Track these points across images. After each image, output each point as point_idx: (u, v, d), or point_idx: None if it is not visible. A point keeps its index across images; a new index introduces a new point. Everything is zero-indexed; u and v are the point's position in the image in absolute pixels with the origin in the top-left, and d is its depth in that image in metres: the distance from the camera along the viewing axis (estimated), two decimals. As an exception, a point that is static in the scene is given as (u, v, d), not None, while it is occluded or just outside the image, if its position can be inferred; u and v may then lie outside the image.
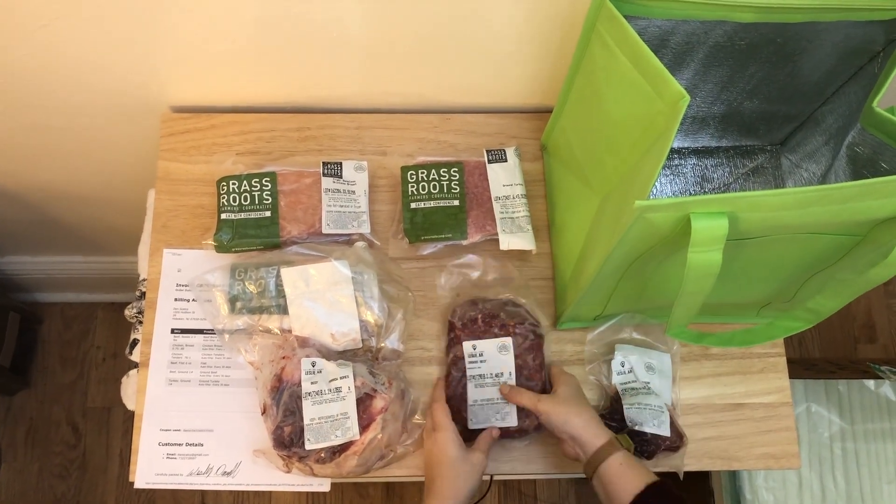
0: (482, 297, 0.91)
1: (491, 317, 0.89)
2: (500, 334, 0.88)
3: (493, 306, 0.90)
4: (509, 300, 0.91)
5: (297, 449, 0.82)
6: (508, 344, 0.88)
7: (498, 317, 0.89)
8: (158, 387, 0.90)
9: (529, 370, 0.88)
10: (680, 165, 1.00)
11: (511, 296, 0.92)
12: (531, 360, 0.88)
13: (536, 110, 1.03)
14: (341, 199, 0.93)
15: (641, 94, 0.71)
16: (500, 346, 0.88)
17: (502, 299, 0.91)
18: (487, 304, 0.91)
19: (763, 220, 0.64)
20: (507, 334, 0.88)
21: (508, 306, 0.90)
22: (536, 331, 0.90)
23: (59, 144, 1.09)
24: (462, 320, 0.90)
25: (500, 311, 0.90)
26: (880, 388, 1.31)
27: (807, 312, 0.80)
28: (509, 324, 0.89)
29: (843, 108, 0.86)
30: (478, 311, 0.90)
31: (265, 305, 0.87)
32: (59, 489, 1.70)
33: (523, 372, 0.88)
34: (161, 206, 0.96)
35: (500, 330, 0.89)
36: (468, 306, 0.91)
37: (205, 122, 1.00)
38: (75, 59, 0.89)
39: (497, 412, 0.87)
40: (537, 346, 0.89)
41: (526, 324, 0.89)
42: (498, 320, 0.89)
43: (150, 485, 0.87)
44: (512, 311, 0.90)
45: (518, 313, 0.90)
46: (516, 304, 0.91)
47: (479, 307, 0.90)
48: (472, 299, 0.91)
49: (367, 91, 0.99)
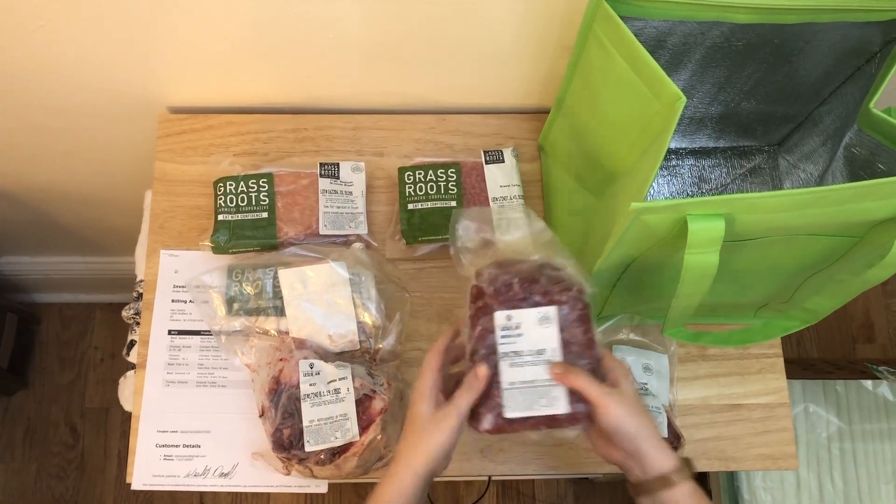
0: (510, 259, 0.75)
1: (530, 281, 0.73)
2: (542, 302, 0.72)
3: (529, 268, 0.74)
4: (545, 262, 0.75)
5: (297, 451, 0.82)
6: (552, 314, 0.72)
7: (538, 281, 0.73)
8: (155, 388, 0.90)
9: (578, 346, 0.72)
10: (677, 166, 1.00)
11: (545, 256, 0.75)
12: (580, 333, 0.72)
13: (534, 111, 1.02)
14: (338, 200, 0.93)
15: (638, 95, 0.71)
16: (541, 316, 0.72)
17: (537, 261, 0.75)
18: (521, 265, 0.74)
19: (760, 222, 0.64)
20: (550, 302, 0.72)
21: (547, 269, 0.74)
22: (584, 298, 0.73)
23: (57, 145, 1.09)
24: (493, 285, 0.73)
25: (539, 274, 0.74)
26: (878, 389, 1.31)
27: (804, 312, 0.81)
28: (552, 289, 0.72)
29: (841, 109, 0.86)
30: (512, 275, 0.73)
31: (262, 307, 0.87)
32: (58, 490, 1.70)
33: (571, 348, 0.72)
34: (158, 207, 0.96)
35: (541, 297, 0.72)
36: (498, 268, 0.74)
37: (202, 122, 1.00)
38: (73, 59, 0.89)
39: (541, 396, 0.71)
40: (586, 317, 0.73)
41: (573, 290, 0.73)
42: (539, 285, 0.73)
43: (148, 486, 0.87)
44: (552, 274, 0.74)
45: (560, 277, 0.74)
46: (555, 268, 0.75)
47: (513, 269, 0.74)
48: (500, 261, 0.75)
49: (365, 92, 0.99)
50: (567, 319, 0.72)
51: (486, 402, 0.70)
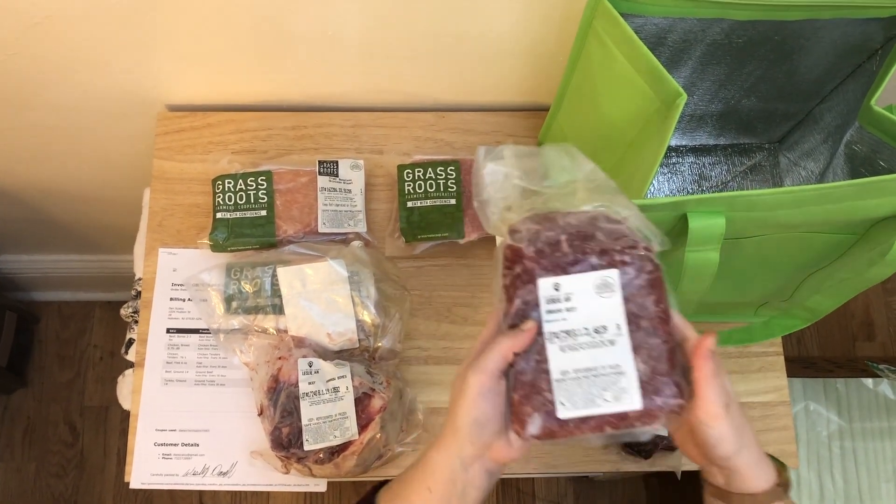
0: (553, 211, 0.59)
1: (582, 238, 0.57)
2: (599, 264, 0.56)
3: (580, 221, 0.58)
4: (600, 212, 0.58)
5: (296, 450, 0.81)
6: (614, 279, 0.56)
7: (593, 237, 0.57)
8: (154, 387, 0.89)
9: (650, 320, 0.56)
10: (678, 164, 1.00)
11: (601, 206, 0.59)
12: (651, 303, 0.56)
13: (533, 108, 1.02)
14: (337, 198, 0.93)
15: (638, 92, 0.70)
16: (600, 282, 0.56)
17: (589, 212, 0.58)
18: (569, 217, 0.58)
19: (760, 219, 0.64)
20: (610, 264, 0.56)
21: (602, 221, 0.58)
22: (653, 258, 0.57)
23: (55, 143, 1.09)
24: (534, 243, 0.57)
25: (594, 228, 0.57)
26: (878, 387, 1.31)
27: (805, 311, 0.80)
28: (612, 247, 0.56)
29: (842, 106, 0.85)
30: (559, 230, 0.57)
31: (261, 305, 0.87)
32: (57, 488, 1.69)
33: (640, 323, 0.56)
34: (156, 205, 0.96)
35: (598, 257, 0.56)
36: (539, 223, 0.58)
37: (200, 120, 0.99)
38: (71, 56, 0.89)
39: (605, 388, 0.55)
40: (658, 281, 0.57)
41: (640, 247, 0.57)
42: (594, 242, 0.57)
43: (146, 485, 0.86)
44: (611, 228, 0.58)
45: (621, 231, 0.57)
46: (612, 220, 0.58)
47: (560, 223, 0.58)
48: (540, 213, 0.59)
49: (364, 89, 0.99)
50: (633, 286, 0.56)
51: (532, 398, 0.55)
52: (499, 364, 0.55)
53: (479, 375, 0.55)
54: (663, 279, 0.57)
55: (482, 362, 0.55)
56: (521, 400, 0.55)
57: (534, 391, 0.55)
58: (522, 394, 0.55)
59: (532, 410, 0.55)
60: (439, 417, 0.89)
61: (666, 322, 0.56)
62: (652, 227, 0.58)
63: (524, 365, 0.56)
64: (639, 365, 0.54)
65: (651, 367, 0.54)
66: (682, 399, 0.54)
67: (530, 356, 0.56)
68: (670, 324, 0.56)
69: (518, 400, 0.55)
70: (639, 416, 0.54)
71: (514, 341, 0.55)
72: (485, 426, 0.55)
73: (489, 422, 0.55)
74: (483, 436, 0.56)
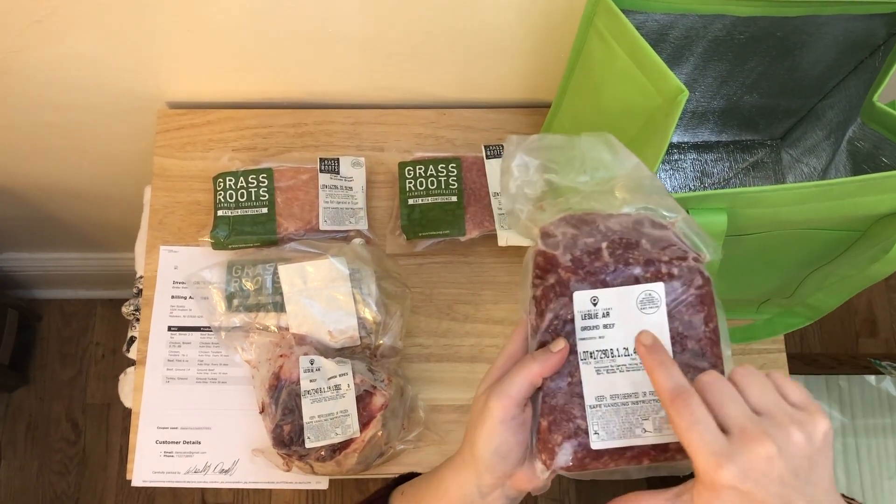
0: (591, 213, 0.53)
1: (625, 246, 0.51)
2: (644, 277, 0.50)
3: (622, 226, 0.52)
4: (644, 216, 0.52)
5: (297, 447, 0.81)
6: (659, 293, 0.50)
7: (637, 245, 0.51)
8: (155, 384, 0.89)
9: (698, 341, 0.50)
10: (679, 160, 0.99)
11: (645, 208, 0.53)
12: (700, 321, 0.50)
13: (534, 105, 1.02)
14: (338, 196, 0.93)
15: (640, 88, 0.70)
16: (643, 297, 0.50)
17: (632, 215, 0.52)
18: (610, 221, 0.52)
19: (762, 216, 0.64)
20: (656, 277, 0.50)
21: (647, 226, 0.52)
22: (703, 270, 0.51)
23: (56, 141, 1.09)
24: (571, 250, 0.51)
25: (638, 234, 0.51)
26: (881, 384, 1.30)
27: (807, 308, 0.80)
28: (659, 257, 0.50)
29: (844, 103, 0.85)
30: (599, 236, 0.51)
31: (262, 303, 0.87)
32: (59, 486, 1.70)
33: (686, 343, 0.50)
34: (157, 203, 0.96)
35: (643, 269, 0.50)
36: (576, 226, 0.52)
37: (201, 118, 0.99)
38: (71, 54, 0.89)
39: (645, 417, 0.49)
40: (708, 297, 0.51)
41: (689, 258, 0.51)
42: (638, 251, 0.51)
43: (148, 483, 0.86)
44: (656, 234, 0.51)
45: (667, 238, 0.51)
46: (658, 225, 0.52)
47: (600, 228, 0.52)
48: (575, 215, 0.53)
49: (364, 86, 0.98)
50: (680, 301, 0.50)
51: (562, 425, 0.50)
52: (524, 390, 0.50)
53: (501, 401, 0.49)
54: (714, 294, 0.51)
55: (506, 386, 0.50)
56: (551, 427, 0.50)
57: (565, 418, 0.50)
58: (552, 420, 0.50)
59: (562, 439, 0.50)
60: (441, 415, 0.89)
61: (716, 344, 0.50)
62: (703, 233, 0.52)
63: (554, 387, 0.50)
64: None
65: None
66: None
67: (562, 377, 0.50)
68: (718, 345, 0.50)
69: (546, 427, 0.50)
70: (681, 450, 0.48)
71: (544, 366, 0.49)
72: (506, 457, 0.51)
73: (511, 452, 0.51)
74: (504, 466, 0.51)
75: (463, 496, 0.53)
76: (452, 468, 0.55)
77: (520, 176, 0.53)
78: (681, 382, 0.45)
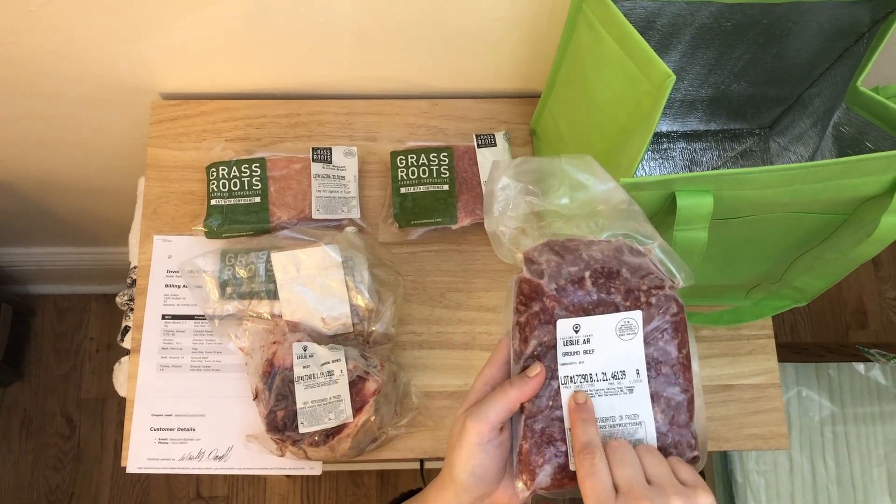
0: (572, 239, 0.55)
1: (607, 276, 0.54)
2: (624, 306, 0.53)
3: (604, 255, 0.54)
4: (624, 244, 0.55)
5: (291, 433, 0.82)
6: (637, 321, 0.53)
7: (618, 274, 0.54)
8: (150, 373, 0.90)
9: (672, 366, 0.53)
10: (668, 149, 1.00)
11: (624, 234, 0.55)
12: (674, 349, 0.53)
13: (526, 95, 1.03)
14: (331, 185, 0.94)
15: (628, 75, 0.71)
16: (621, 325, 0.53)
17: (613, 242, 0.55)
18: (592, 248, 0.54)
19: (748, 198, 0.65)
20: (635, 305, 0.53)
21: (626, 255, 0.54)
22: (677, 297, 0.55)
23: (50, 133, 1.09)
24: (556, 279, 0.54)
25: (618, 263, 0.54)
26: (870, 372, 1.32)
27: (794, 291, 0.81)
28: (639, 286, 0.54)
29: (830, 91, 0.86)
30: (583, 265, 0.54)
31: (255, 290, 0.87)
32: (54, 481, 1.70)
33: (660, 369, 0.53)
34: (151, 193, 0.96)
35: (623, 298, 0.53)
36: (559, 254, 0.54)
37: (194, 108, 1.00)
38: (65, 45, 0.89)
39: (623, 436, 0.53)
40: (682, 324, 0.54)
41: (666, 287, 0.54)
42: (619, 280, 0.54)
43: (142, 469, 0.87)
44: (634, 262, 0.54)
45: (646, 266, 0.54)
46: (637, 252, 0.55)
47: (583, 256, 0.54)
48: (558, 241, 0.55)
49: (357, 77, 0.99)
50: (656, 328, 0.53)
51: (543, 449, 0.52)
52: (502, 414, 0.52)
53: (478, 425, 0.52)
54: (685, 320, 0.53)
55: (484, 411, 0.52)
56: (532, 449, 0.52)
57: (545, 440, 0.52)
58: (533, 443, 0.52)
59: (543, 462, 0.52)
60: (434, 401, 0.90)
61: (688, 369, 0.53)
62: (677, 258, 0.55)
63: (535, 410, 0.53)
64: (657, 415, 0.52)
65: (669, 418, 0.52)
66: (697, 452, 0.52)
67: (543, 401, 0.53)
68: (690, 371, 0.53)
69: (528, 449, 0.52)
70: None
71: (522, 391, 0.52)
72: (483, 478, 0.53)
73: (487, 473, 0.53)
74: (482, 487, 0.53)
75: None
76: (435, 489, 0.57)
77: (503, 199, 0.55)
78: (594, 440, 0.51)
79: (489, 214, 0.56)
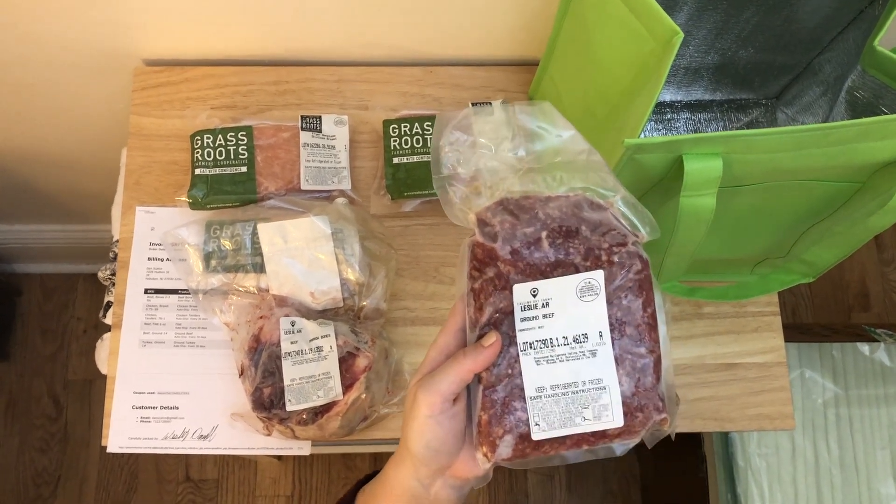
0: (528, 195, 0.50)
1: (565, 235, 0.50)
2: (585, 266, 0.50)
3: (562, 213, 0.50)
4: (582, 198, 0.50)
5: (278, 411, 0.79)
6: (598, 282, 0.49)
7: (577, 232, 0.50)
8: (131, 349, 0.86)
9: (637, 327, 0.50)
10: (672, 119, 0.97)
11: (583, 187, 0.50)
12: (639, 308, 0.50)
13: (524, 62, 0.99)
14: (321, 155, 0.90)
15: (633, 33, 0.67)
16: (582, 286, 0.50)
17: (572, 198, 0.50)
18: (548, 205, 0.50)
19: (758, 163, 0.61)
20: (596, 265, 0.50)
21: (585, 210, 0.50)
22: (642, 252, 0.51)
23: (28, 102, 1.05)
24: (510, 242, 0.50)
25: (578, 220, 0.50)
26: (875, 353, 1.29)
27: (803, 265, 0.78)
28: (600, 244, 0.50)
29: (842, 57, 0.83)
30: (539, 224, 0.50)
31: (241, 263, 0.84)
32: (41, 463, 1.67)
33: (625, 330, 0.50)
34: (133, 163, 0.93)
35: (583, 258, 0.50)
36: (513, 213, 0.50)
37: (178, 75, 0.96)
38: (43, 8, 0.85)
39: (585, 406, 0.49)
40: (647, 281, 0.50)
41: (629, 244, 0.50)
42: (578, 239, 0.50)
43: (123, 449, 0.84)
44: (595, 218, 0.50)
45: (608, 222, 0.50)
46: (597, 206, 0.50)
47: (539, 214, 0.50)
48: (512, 199, 0.50)
49: (348, 43, 0.95)
50: (619, 287, 0.50)
51: (503, 419, 0.50)
52: (454, 385, 0.49)
53: (430, 396, 0.49)
54: (652, 277, 0.50)
55: (436, 382, 0.49)
56: (491, 420, 0.50)
57: (505, 410, 0.50)
58: (493, 413, 0.50)
59: (503, 432, 0.50)
60: (426, 379, 0.87)
61: (654, 328, 0.50)
62: (642, 209, 0.50)
63: (494, 380, 0.50)
64: (622, 378, 0.49)
65: (635, 381, 0.49)
66: (665, 413, 0.50)
67: (501, 369, 0.50)
68: (656, 330, 0.50)
69: (487, 420, 0.50)
70: (619, 434, 0.50)
71: (476, 361, 0.49)
72: (439, 450, 0.51)
73: (443, 444, 0.50)
74: (439, 459, 0.51)
75: (406, 490, 0.53)
76: (393, 465, 0.54)
77: (450, 154, 0.51)
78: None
79: (437, 173, 0.51)
